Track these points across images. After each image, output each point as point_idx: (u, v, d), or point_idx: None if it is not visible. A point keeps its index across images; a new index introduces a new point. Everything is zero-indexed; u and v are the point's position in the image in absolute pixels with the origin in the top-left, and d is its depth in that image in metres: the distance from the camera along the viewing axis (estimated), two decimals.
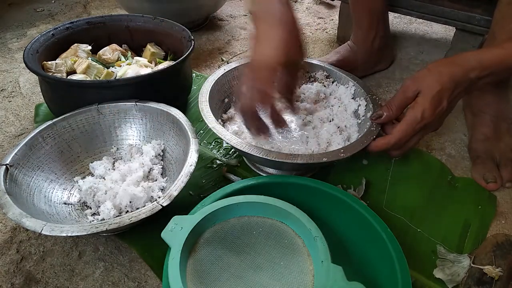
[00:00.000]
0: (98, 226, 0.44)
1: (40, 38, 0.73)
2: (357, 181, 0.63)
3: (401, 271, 0.41)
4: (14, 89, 0.89)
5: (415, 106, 0.53)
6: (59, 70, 0.72)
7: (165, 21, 0.82)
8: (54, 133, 0.59)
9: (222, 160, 0.68)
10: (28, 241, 0.56)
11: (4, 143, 0.73)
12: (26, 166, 0.54)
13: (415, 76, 0.54)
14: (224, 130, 0.55)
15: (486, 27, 0.78)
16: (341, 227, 0.50)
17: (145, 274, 0.51)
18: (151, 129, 0.64)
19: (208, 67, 0.99)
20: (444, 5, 0.83)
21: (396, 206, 0.60)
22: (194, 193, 0.61)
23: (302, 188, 0.50)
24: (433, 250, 0.53)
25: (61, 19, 1.23)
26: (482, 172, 0.64)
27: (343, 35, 1.05)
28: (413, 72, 0.95)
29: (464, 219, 0.58)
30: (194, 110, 0.80)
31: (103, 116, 0.63)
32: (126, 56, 0.80)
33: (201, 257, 0.42)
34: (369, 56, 0.88)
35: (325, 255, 0.39)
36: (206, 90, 0.62)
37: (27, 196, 0.51)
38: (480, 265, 0.48)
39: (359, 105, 0.65)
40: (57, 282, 0.50)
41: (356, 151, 0.53)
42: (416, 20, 1.19)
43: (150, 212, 0.46)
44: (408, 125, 0.53)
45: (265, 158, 0.51)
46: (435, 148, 0.72)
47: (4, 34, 1.13)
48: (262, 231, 0.44)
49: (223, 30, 1.17)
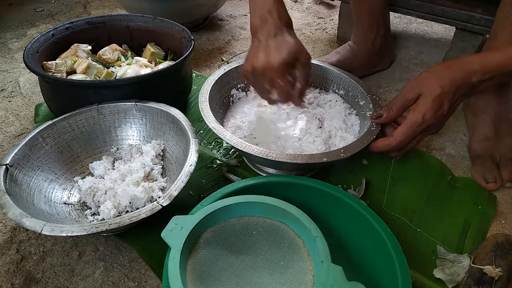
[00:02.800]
0: (98, 226, 0.44)
1: (40, 38, 0.73)
2: (357, 181, 0.63)
3: (401, 271, 0.41)
4: (14, 89, 0.89)
5: (416, 109, 0.53)
6: (59, 70, 0.72)
7: (165, 21, 0.82)
8: (54, 133, 0.59)
9: (222, 160, 0.68)
10: (28, 241, 0.56)
11: (4, 143, 0.73)
12: (26, 166, 0.54)
13: (416, 79, 0.54)
14: (224, 130, 0.55)
15: (486, 26, 0.78)
16: (341, 227, 0.50)
17: (145, 274, 0.51)
18: (151, 129, 0.64)
19: (208, 67, 0.99)
20: (444, 4, 0.83)
21: (396, 206, 0.60)
22: (194, 193, 0.61)
23: (302, 188, 0.50)
24: (433, 250, 0.53)
25: (61, 19, 1.23)
26: (482, 172, 0.64)
27: (343, 35, 1.05)
28: (413, 72, 0.95)
29: (464, 219, 0.58)
30: (194, 110, 0.80)
31: (103, 116, 0.63)
32: (126, 56, 0.80)
33: (201, 257, 0.42)
34: (369, 56, 0.88)
35: (325, 255, 0.39)
36: (206, 90, 0.62)
37: (27, 196, 0.51)
38: (480, 265, 0.48)
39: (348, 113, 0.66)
40: (57, 282, 0.51)
41: (356, 151, 0.53)
42: (416, 20, 1.19)
43: (150, 212, 0.46)
44: (409, 127, 0.53)
45: (265, 158, 0.51)
46: (435, 148, 0.72)
47: (4, 34, 1.13)
48: (262, 231, 0.44)
49: (223, 30, 1.17)
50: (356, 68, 0.85)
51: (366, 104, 0.63)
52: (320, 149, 0.59)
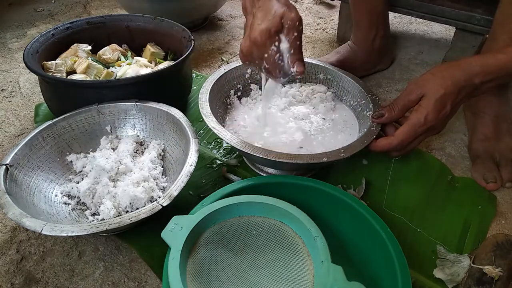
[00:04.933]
0: (98, 226, 0.44)
1: (40, 38, 0.73)
2: (357, 181, 0.63)
3: (401, 271, 0.41)
4: (14, 89, 0.89)
5: (418, 109, 0.53)
6: (59, 70, 0.72)
7: (165, 21, 0.82)
8: (54, 133, 0.59)
9: (222, 160, 0.68)
10: (28, 241, 0.56)
11: (4, 143, 0.73)
12: (26, 166, 0.54)
13: (419, 80, 0.55)
14: (224, 130, 0.55)
15: (486, 26, 0.78)
16: (341, 227, 0.50)
17: (145, 274, 0.51)
18: (151, 129, 0.64)
19: (208, 67, 0.99)
20: (444, 4, 0.83)
21: (396, 206, 0.60)
22: (194, 193, 0.61)
23: (302, 188, 0.50)
24: (433, 250, 0.53)
25: (61, 19, 1.23)
26: (482, 172, 0.64)
27: (343, 35, 1.05)
28: (413, 72, 0.95)
29: (464, 219, 0.58)
30: (194, 110, 0.80)
31: (103, 116, 0.63)
32: (126, 56, 0.80)
33: (201, 257, 0.42)
34: (369, 56, 0.88)
35: (325, 255, 0.39)
36: (206, 90, 0.62)
37: (27, 196, 0.51)
38: (480, 265, 0.48)
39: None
40: (57, 282, 0.50)
41: (356, 151, 0.53)
42: (416, 20, 1.19)
43: (150, 212, 0.45)
44: (411, 128, 0.53)
45: (265, 158, 0.51)
46: (435, 148, 0.72)
47: (4, 34, 1.13)
48: (262, 231, 0.44)
49: (223, 30, 1.17)
50: (356, 68, 0.85)
51: (366, 104, 0.63)
52: (319, 148, 0.59)
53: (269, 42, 0.47)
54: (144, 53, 0.82)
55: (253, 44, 0.47)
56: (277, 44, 0.47)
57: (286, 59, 0.48)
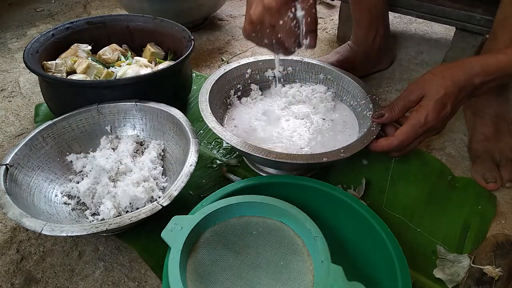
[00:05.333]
0: (98, 226, 0.44)
1: (40, 38, 0.73)
2: (357, 181, 0.63)
3: (401, 271, 0.41)
4: (14, 89, 0.89)
5: (419, 110, 0.53)
6: (59, 70, 0.72)
7: (165, 21, 0.82)
8: (54, 133, 0.59)
9: (222, 160, 0.68)
10: (28, 241, 0.56)
11: (4, 143, 0.73)
12: (26, 166, 0.54)
13: (419, 80, 0.55)
14: (224, 130, 0.55)
15: (486, 26, 0.78)
16: (341, 227, 0.50)
17: (145, 274, 0.51)
18: (151, 129, 0.64)
19: (208, 67, 0.99)
20: (444, 4, 0.83)
21: (396, 206, 0.60)
22: (194, 193, 0.61)
23: (302, 188, 0.50)
24: (433, 250, 0.53)
25: (61, 19, 1.23)
26: (482, 172, 0.64)
27: (343, 35, 1.05)
28: (413, 72, 0.95)
29: (464, 219, 0.58)
30: (194, 110, 0.80)
31: (103, 116, 0.63)
32: (126, 56, 0.80)
33: (201, 257, 0.42)
34: (369, 56, 0.88)
35: (325, 255, 0.39)
36: (206, 90, 0.62)
37: (27, 196, 0.51)
38: (480, 265, 0.48)
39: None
40: (57, 282, 0.51)
41: (356, 151, 0.53)
42: (416, 20, 1.19)
43: (150, 212, 0.46)
44: (412, 128, 0.53)
45: (265, 158, 0.51)
46: (435, 148, 0.72)
47: (4, 34, 1.13)
48: (262, 231, 0.44)
49: (223, 30, 1.17)
50: (356, 68, 0.84)
51: (366, 104, 0.63)
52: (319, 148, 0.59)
53: (285, 8, 0.45)
54: (144, 53, 0.82)
55: (267, 10, 0.45)
56: (294, 11, 0.45)
57: (302, 28, 0.46)
